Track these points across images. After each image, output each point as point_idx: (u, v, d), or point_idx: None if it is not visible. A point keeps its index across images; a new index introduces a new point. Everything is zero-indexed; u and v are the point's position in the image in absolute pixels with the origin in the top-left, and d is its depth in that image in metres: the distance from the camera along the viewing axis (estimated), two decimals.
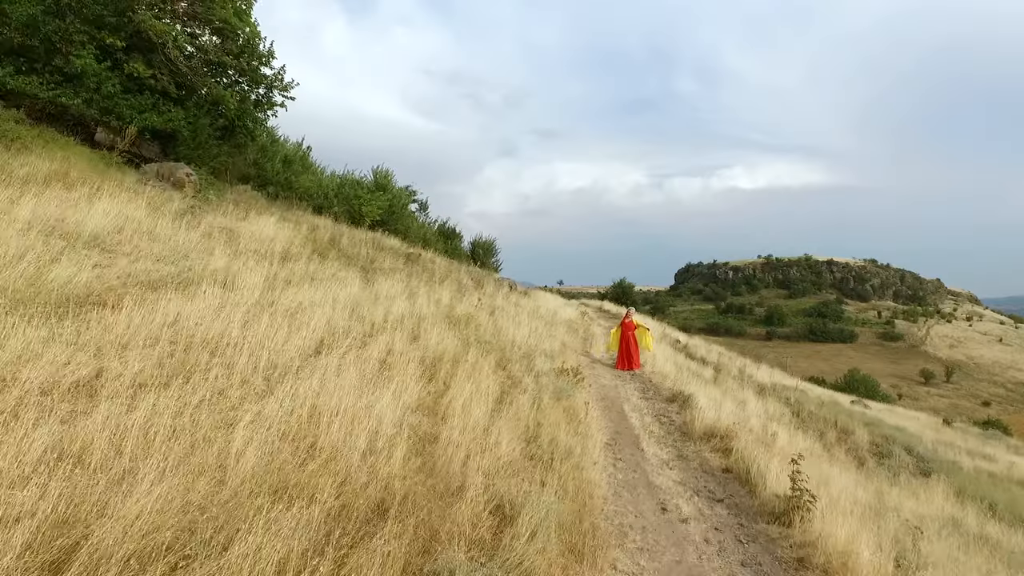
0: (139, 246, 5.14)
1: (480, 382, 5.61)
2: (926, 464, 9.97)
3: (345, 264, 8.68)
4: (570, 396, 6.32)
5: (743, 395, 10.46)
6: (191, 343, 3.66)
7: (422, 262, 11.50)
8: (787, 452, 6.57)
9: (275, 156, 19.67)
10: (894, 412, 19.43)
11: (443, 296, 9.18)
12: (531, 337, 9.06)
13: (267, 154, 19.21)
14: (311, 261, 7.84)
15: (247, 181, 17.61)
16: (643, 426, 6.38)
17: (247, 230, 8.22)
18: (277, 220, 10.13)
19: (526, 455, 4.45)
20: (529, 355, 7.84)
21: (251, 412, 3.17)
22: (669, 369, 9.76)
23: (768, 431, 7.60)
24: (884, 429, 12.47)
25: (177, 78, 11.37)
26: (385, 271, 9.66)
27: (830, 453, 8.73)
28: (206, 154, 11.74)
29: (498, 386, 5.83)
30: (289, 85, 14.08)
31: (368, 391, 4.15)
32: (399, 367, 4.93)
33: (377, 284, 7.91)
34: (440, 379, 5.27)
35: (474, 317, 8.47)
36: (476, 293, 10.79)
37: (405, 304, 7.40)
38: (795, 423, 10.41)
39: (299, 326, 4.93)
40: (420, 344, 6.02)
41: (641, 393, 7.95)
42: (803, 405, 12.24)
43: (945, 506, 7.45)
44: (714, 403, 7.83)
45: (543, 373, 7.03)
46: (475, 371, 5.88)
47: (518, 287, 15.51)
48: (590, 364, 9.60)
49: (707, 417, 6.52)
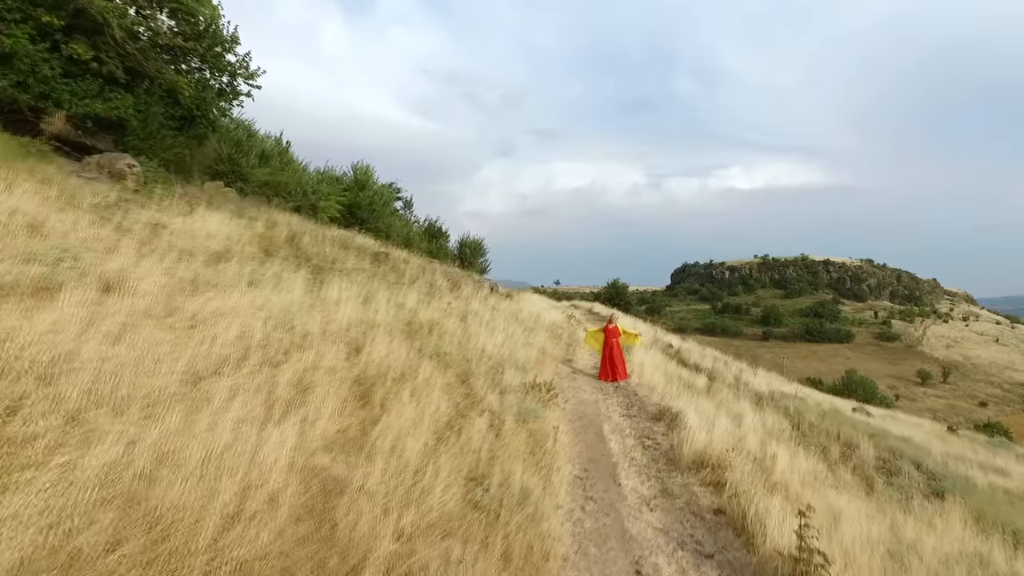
0: (9, 244, 4.25)
1: (428, 404, 4.74)
2: (938, 482, 9.15)
3: (296, 265, 7.79)
4: (538, 417, 5.45)
5: (739, 407, 9.61)
6: (6, 369, 2.77)
7: (392, 262, 10.61)
8: (789, 482, 5.73)
9: (250, 151, 18.76)
10: (896, 419, 18.65)
11: (408, 300, 8.30)
12: (505, 345, 8.19)
13: (242, 149, 18.29)
14: (253, 261, 6.95)
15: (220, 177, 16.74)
16: (623, 451, 5.52)
17: (184, 227, 7.32)
18: (230, 216, 9.25)
19: (469, 502, 3.58)
20: (498, 367, 6.97)
21: (54, 467, 2.29)
22: (658, 379, 8.91)
23: (767, 451, 6.76)
24: (890, 441, 11.65)
25: (126, 62, 10.46)
26: (346, 272, 8.77)
27: (835, 473, 7.90)
28: (158, 145, 10.82)
29: (451, 408, 4.96)
30: (255, 73, 13.18)
31: (264, 425, 3.27)
32: (320, 390, 4.05)
33: (328, 287, 7.03)
34: (376, 402, 4.39)
35: (439, 324, 7.60)
36: (449, 296, 9.92)
37: (356, 310, 6.52)
38: (796, 437, 9.58)
39: (201, 340, 4.05)
40: (361, 359, 5.14)
41: (624, 409, 7.09)
42: (803, 416, 11.41)
43: (966, 537, 6.61)
44: (706, 420, 6.98)
45: (511, 389, 6.16)
46: (425, 390, 5.02)
47: (500, 289, 14.64)
48: (570, 375, 8.74)
49: (697, 440, 5.67)
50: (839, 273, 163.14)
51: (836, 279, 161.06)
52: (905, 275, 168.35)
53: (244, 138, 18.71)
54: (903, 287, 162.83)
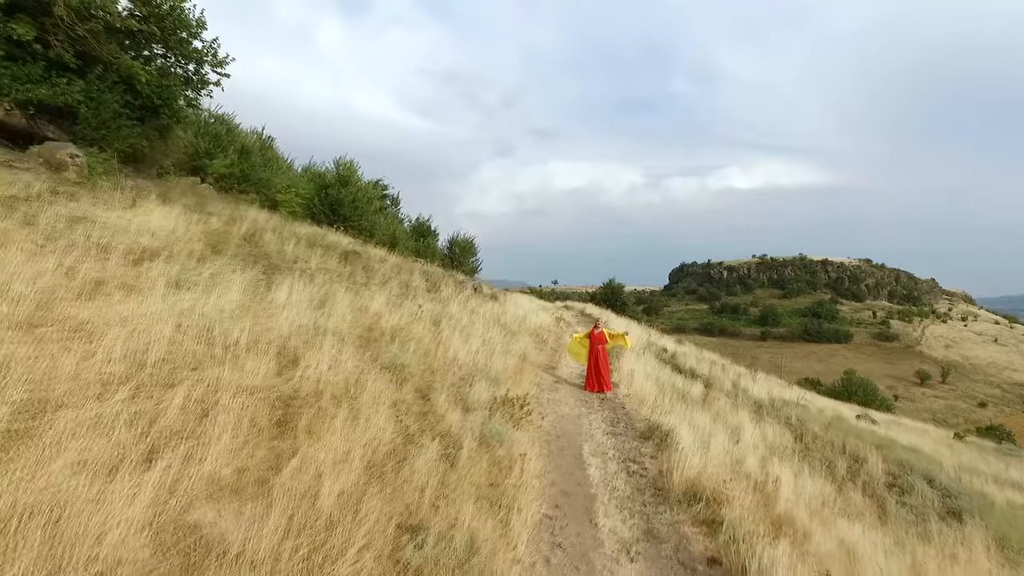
0: None
1: (369, 428, 3.99)
2: (954, 501, 8.43)
3: (247, 264, 7.02)
4: (505, 440, 4.70)
5: (737, 418, 8.88)
6: None
7: (364, 260, 9.84)
8: (795, 514, 4.99)
9: (229, 146, 18.00)
10: (901, 424, 17.94)
11: (373, 303, 7.53)
12: (480, 353, 7.43)
13: (220, 143, 17.54)
14: (191, 260, 6.17)
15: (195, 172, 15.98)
16: (604, 480, 4.77)
17: (118, 222, 6.55)
18: (184, 212, 8.49)
19: (396, 566, 2.82)
20: (468, 379, 6.22)
21: None
22: (649, 389, 8.16)
23: (769, 474, 6.02)
24: (898, 452, 10.92)
25: (77, 46, 9.68)
26: (307, 272, 8.01)
27: (844, 495, 7.15)
28: (112, 135, 10.02)
29: (398, 432, 4.20)
30: (224, 61, 12.37)
31: (115, 472, 2.51)
32: (224, 417, 3.29)
33: (277, 289, 6.26)
34: (300, 429, 3.63)
35: (405, 330, 6.84)
36: (424, 298, 9.15)
37: (305, 314, 5.76)
38: (799, 451, 8.85)
39: (76, 355, 3.29)
40: (296, 374, 4.38)
41: (609, 425, 6.33)
42: (806, 425, 10.68)
43: (993, 571, 5.89)
44: (701, 438, 6.24)
45: (479, 405, 5.40)
46: (370, 410, 4.26)
47: (486, 289, 13.88)
48: (552, 385, 7.98)
49: (690, 464, 4.92)
50: (837, 273, 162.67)
51: (834, 279, 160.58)
52: (903, 275, 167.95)
53: (223, 132, 17.97)
54: (901, 287, 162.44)
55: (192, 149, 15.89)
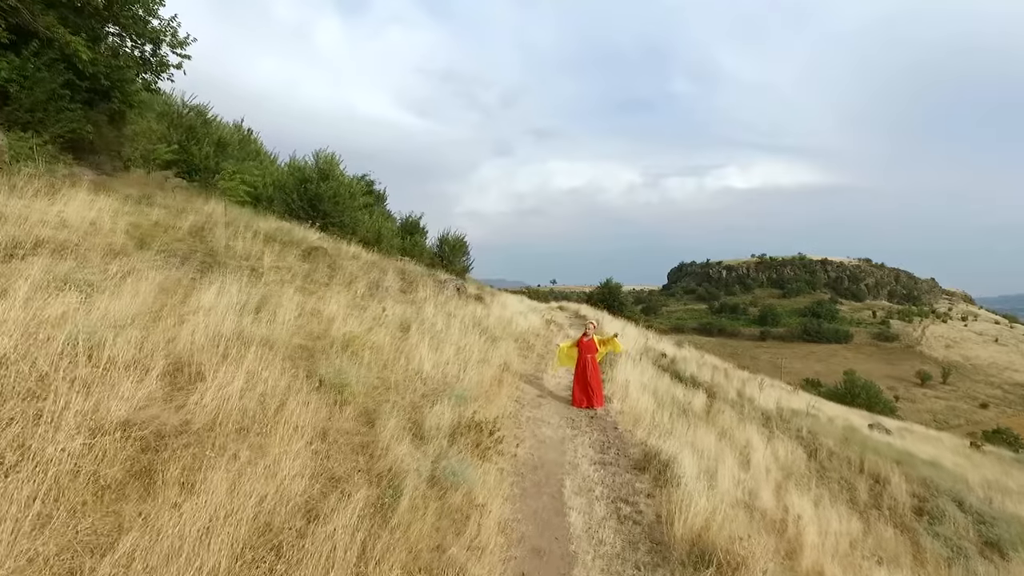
0: None
1: (272, 477, 3.02)
2: (990, 529, 7.49)
3: (176, 261, 6.04)
4: (464, 482, 3.72)
5: (745, 434, 7.92)
6: None
7: (330, 258, 8.85)
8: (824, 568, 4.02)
9: (204, 139, 17.06)
10: (912, 432, 17.01)
11: (331, 306, 6.56)
12: (452, 363, 6.46)
13: (195, 135, 16.58)
14: (102, 254, 5.20)
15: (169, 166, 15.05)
16: (589, 529, 3.81)
17: (24, 211, 5.57)
18: (121, 203, 7.53)
19: None
20: (432, 396, 5.25)
21: None
22: (646, 404, 7.18)
23: (789, 510, 5.07)
24: (918, 468, 9.97)
25: (9, 17, 8.68)
26: (257, 270, 7.03)
27: (870, 527, 6.20)
28: (51, 119, 9.01)
29: (315, 475, 3.23)
30: (185, 41, 11.37)
31: None
32: (40, 473, 2.31)
33: (205, 290, 5.28)
34: (167, 484, 2.66)
35: (362, 338, 5.86)
36: (395, 300, 8.18)
37: (230, 321, 4.77)
38: (815, 470, 7.90)
39: None
40: (192, 398, 3.40)
41: (599, 452, 5.36)
42: (818, 439, 9.72)
43: None
44: (706, 466, 5.28)
45: (437, 433, 4.42)
46: (283, 447, 3.29)
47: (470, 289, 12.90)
48: (535, 400, 7.00)
49: (696, 509, 3.96)
50: (837, 272, 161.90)
51: (834, 279, 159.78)
52: (903, 274, 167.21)
53: (199, 124, 17.01)
54: (901, 287, 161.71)
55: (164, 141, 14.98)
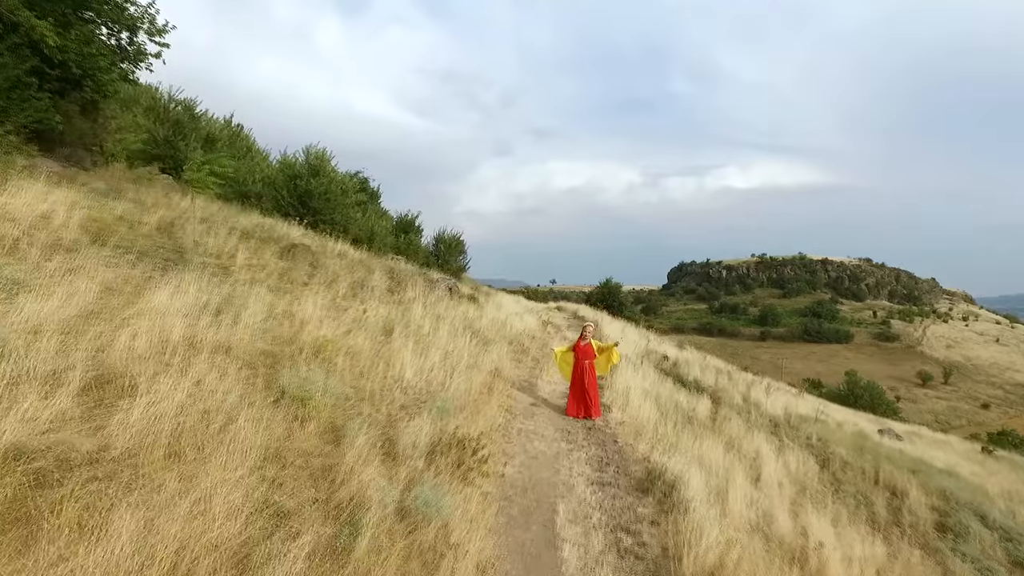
0: None
1: (200, 516, 2.49)
2: (1017, 547, 6.98)
3: (133, 258, 5.52)
4: (437, 515, 3.20)
5: (754, 443, 7.41)
6: None
7: (312, 256, 8.33)
8: None
9: (191, 134, 16.55)
10: (921, 436, 16.51)
11: (306, 307, 6.03)
12: (439, 370, 5.94)
13: (181, 130, 16.06)
14: (42, 250, 4.67)
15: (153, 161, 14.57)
16: (584, 568, 3.29)
17: None
18: (83, 195, 7.02)
19: None
20: (412, 408, 4.72)
21: None
22: (648, 413, 6.66)
23: (808, 534, 4.55)
24: (935, 478, 9.46)
25: None
26: (228, 269, 6.51)
27: (894, 548, 5.68)
28: (14, 107, 8.48)
29: (256, 512, 2.70)
30: (163, 29, 10.84)
31: None
32: None
33: (160, 290, 4.75)
34: (59, 529, 2.14)
35: (337, 342, 5.33)
36: (378, 300, 7.65)
37: (181, 325, 4.25)
38: (829, 482, 7.40)
39: None
40: (116, 417, 2.88)
41: (596, 470, 4.83)
42: (829, 447, 9.21)
43: None
44: (716, 485, 4.76)
45: (413, 452, 3.90)
46: (220, 475, 2.77)
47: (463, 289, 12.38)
48: (528, 409, 6.47)
49: (707, 541, 3.44)
50: (837, 272, 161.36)
51: (834, 278, 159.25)
52: (904, 274, 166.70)
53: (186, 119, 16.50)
54: (902, 287, 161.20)
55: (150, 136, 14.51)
